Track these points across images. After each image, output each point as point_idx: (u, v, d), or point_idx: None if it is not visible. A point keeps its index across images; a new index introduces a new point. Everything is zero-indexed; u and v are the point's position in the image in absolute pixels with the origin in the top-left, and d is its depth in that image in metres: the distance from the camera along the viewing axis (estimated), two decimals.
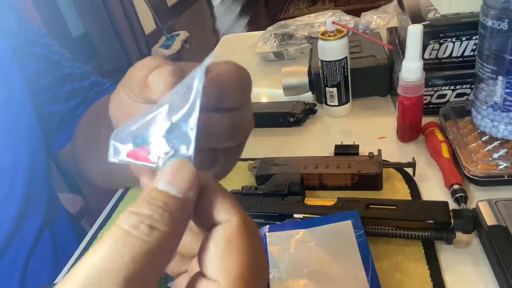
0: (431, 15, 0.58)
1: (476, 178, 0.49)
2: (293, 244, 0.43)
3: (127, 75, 0.28)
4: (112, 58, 3.15)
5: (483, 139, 0.52)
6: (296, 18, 0.97)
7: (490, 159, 0.50)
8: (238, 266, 0.20)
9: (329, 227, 0.43)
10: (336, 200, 0.48)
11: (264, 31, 0.97)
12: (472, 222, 0.42)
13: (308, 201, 0.49)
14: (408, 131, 0.60)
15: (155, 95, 0.25)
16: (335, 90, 0.67)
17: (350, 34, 0.82)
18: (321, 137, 0.67)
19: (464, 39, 0.57)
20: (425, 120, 0.59)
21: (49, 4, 2.61)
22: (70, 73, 0.61)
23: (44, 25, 2.45)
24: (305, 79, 0.72)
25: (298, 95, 0.74)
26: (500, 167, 0.49)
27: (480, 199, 0.44)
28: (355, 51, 0.72)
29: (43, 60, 0.57)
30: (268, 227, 0.45)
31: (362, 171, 0.52)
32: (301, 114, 0.69)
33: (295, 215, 0.48)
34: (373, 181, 0.52)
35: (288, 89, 0.74)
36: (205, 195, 0.21)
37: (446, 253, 0.43)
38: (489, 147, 0.51)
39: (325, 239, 0.42)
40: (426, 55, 0.59)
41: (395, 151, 0.59)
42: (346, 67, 0.65)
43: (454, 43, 0.57)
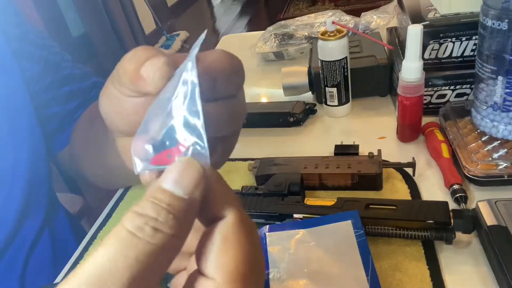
0: (431, 15, 0.58)
1: (476, 178, 0.49)
2: (293, 244, 0.43)
3: (116, 68, 0.27)
4: (112, 58, 3.14)
5: (483, 139, 0.52)
6: (296, 18, 0.97)
7: (490, 159, 0.50)
8: (234, 263, 0.20)
9: (329, 227, 0.43)
10: (336, 200, 0.48)
11: (264, 31, 0.97)
12: (472, 222, 0.42)
13: (308, 201, 0.49)
14: (408, 131, 0.60)
15: (151, 87, 0.24)
16: (335, 90, 0.67)
17: (350, 34, 0.82)
18: (321, 137, 0.67)
19: (464, 39, 0.57)
20: (425, 120, 0.59)
21: (49, 4, 2.61)
22: (70, 74, 0.61)
23: (44, 25, 2.45)
24: (305, 79, 0.72)
25: (298, 95, 0.74)
26: (500, 167, 0.49)
27: (480, 199, 0.44)
28: (355, 51, 0.72)
29: (43, 62, 0.57)
30: (268, 227, 0.45)
31: (362, 171, 0.52)
32: (301, 114, 0.69)
33: (295, 215, 0.48)
34: (373, 181, 0.52)
35: (288, 89, 0.74)
36: (205, 189, 0.21)
37: (446, 253, 0.43)
38: (489, 147, 0.51)
39: (325, 239, 0.42)
40: (426, 55, 0.59)
41: (395, 151, 0.59)
42: (346, 67, 0.65)
43: (454, 43, 0.57)
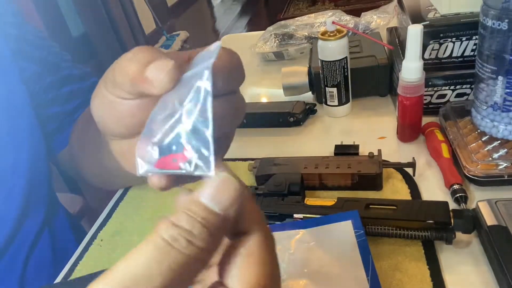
0: (431, 15, 0.58)
1: (476, 178, 0.49)
2: (293, 244, 0.43)
3: (112, 70, 0.27)
4: (112, 58, 3.11)
5: (483, 139, 0.52)
6: (296, 18, 0.97)
7: (490, 159, 0.50)
8: (256, 277, 0.21)
9: (329, 227, 0.43)
10: (336, 200, 0.48)
11: (264, 31, 0.97)
12: (472, 222, 0.42)
13: (308, 201, 0.49)
14: (408, 131, 0.60)
15: (157, 89, 0.24)
16: (335, 90, 0.67)
17: (350, 34, 0.82)
18: (321, 137, 0.67)
19: (464, 39, 0.57)
20: (425, 120, 0.59)
21: (49, 4, 2.61)
22: (70, 74, 0.61)
23: (44, 25, 2.45)
24: (305, 79, 0.72)
25: (298, 95, 0.74)
26: (500, 167, 0.49)
27: (480, 199, 0.44)
28: (355, 51, 0.72)
29: (42, 62, 0.57)
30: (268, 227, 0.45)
31: (362, 171, 0.52)
32: (301, 114, 0.69)
33: (295, 215, 0.48)
34: (373, 181, 0.52)
35: (288, 89, 0.74)
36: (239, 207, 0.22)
37: (446, 253, 0.43)
38: (489, 147, 0.51)
39: (325, 239, 0.42)
40: (426, 55, 0.59)
41: (395, 151, 0.59)
42: (346, 67, 0.65)
43: (454, 43, 0.57)
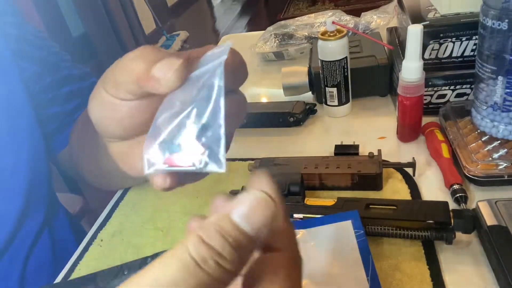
0: (431, 15, 0.58)
1: (476, 178, 0.49)
2: None
3: (112, 70, 0.27)
4: (112, 58, 3.12)
5: (483, 139, 0.52)
6: (296, 18, 0.97)
7: (490, 159, 0.50)
8: None
9: (329, 227, 0.43)
10: (336, 200, 0.48)
11: (264, 31, 0.97)
12: (472, 222, 0.42)
13: (308, 201, 0.49)
14: (408, 131, 0.60)
15: (165, 88, 0.24)
16: (335, 90, 0.67)
17: (350, 34, 0.82)
18: (321, 137, 0.67)
19: (464, 39, 0.57)
20: (425, 120, 0.59)
21: (49, 4, 2.61)
22: (69, 74, 0.60)
23: (44, 25, 2.45)
24: (305, 79, 0.72)
25: (298, 95, 0.74)
26: (500, 167, 0.49)
27: (480, 199, 0.44)
28: (355, 51, 0.72)
29: (42, 62, 0.57)
30: None
31: (362, 171, 0.52)
32: (301, 114, 0.69)
33: (295, 215, 0.48)
34: (373, 181, 0.52)
35: (288, 89, 0.74)
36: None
37: (446, 253, 0.43)
38: (489, 147, 0.51)
39: (325, 239, 0.42)
40: (426, 55, 0.59)
41: (395, 151, 0.59)
42: (346, 67, 0.65)
43: (454, 43, 0.57)
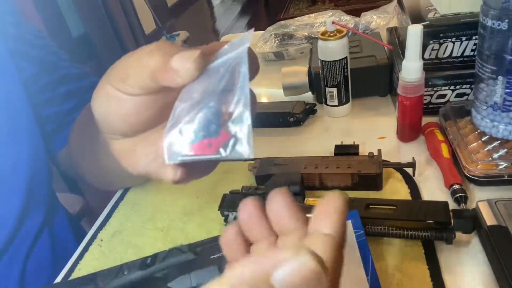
0: (431, 15, 0.58)
1: (476, 178, 0.49)
2: None
3: (121, 64, 0.27)
4: (112, 58, 3.12)
5: (483, 139, 0.52)
6: (296, 18, 0.97)
7: (490, 159, 0.50)
8: None
9: None
10: None
11: (264, 31, 0.97)
12: (472, 222, 0.42)
13: (308, 201, 0.49)
14: (408, 131, 0.60)
15: (183, 79, 0.25)
16: (335, 90, 0.67)
17: (350, 34, 0.82)
18: (321, 137, 0.67)
19: (464, 39, 0.57)
20: (425, 120, 0.59)
21: (49, 4, 2.61)
22: (67, 73, 0.60)
23: (44, 25, 2.45)
24: (305, 79, 0.72)
25: (298, 95, 0.74)
26: (500, 167, 0.49)
27: (480, 199, 0.44)
28: (355, 51, 0.72)
29: (39, 62, 0.57)
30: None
31: (362, 171, 0.52)
32: (301, 114, 0.69)
33: None
34: (373, 181, 0.52)
35: (288, 89, 0.74)
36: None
37: (446, 253, 0.43)
38: (489, 147, 0.51)
39: None
40: (426, 55, 0.59)
41: (395, 151, 0.59)
42: (346, 67, 0.65)
43: (454, 43, 0.57)
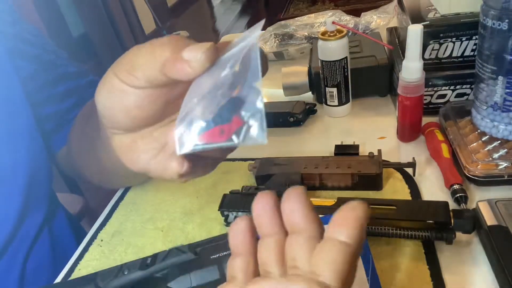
0: (431, 15, 0.58)
1: (476, 178, 0.49)
2: None
3: (131, 57, 0.28)
4: (112, 58, 3.12)
5: (483, 139, 0.52)
6: (296, 18, 0.97)
7: (490, 159, 0.50)
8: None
9: None
10: (336, 200, 0.48)
11: (264, 31, 0.97)
12: (472, 222, 0.42)
13: None
14: (408, 131, 0.60)
15: (194, 70, 0.25)
16: (335, 90, 0.67)
17: (350, 34, 0.82)
18: (321, 137, 0.67)
19: (464, 39, 0.57)
20: (425, 120, 0.59)
21: (49, 4, 2.61)
22: (65, 72, 0.60)
23: (44, 25, 2.45)
24: (305, 79, 0.72)
25: (298, 95, 0.74)
26: (500, 167, 0.49)
27: (480, 199, 0.44)
28: (355, 51, 0.72)
29: (37, 60, 0.57)
30: None
31: (362, 171, 0.52)
32: (301, 114, 0.69)
33: None
34: (373, 181, 0.52)
35: (288, 89, 0.74)
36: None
37: (446, 253, 0.43)
38: (489, 147, 0.51)
39: None
40: (426, 55, 0.59)
41: (395, 151, 0.59)
42: (346, 67, 0.65)
43: (454, 43, 0.57)
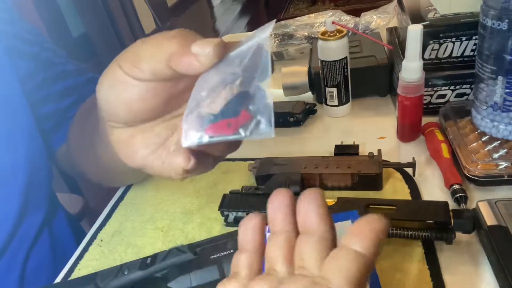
0: (431, 15, 0.58)
1: (476, 178, 0.49)
2: None
3: (137, 49, 0.29)
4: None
5: (483, 139, 0.52)
6: (296, 18, 0.97)
7: (490, 159, 0.50)
8: None
9: None
10: (336, 200, 0.48)
11: None
12: (472, 222, 0.42)
13: None
14: (408, 131, 0.60)
15: (201, 64, 0.26)
16: (335, 90, 0.67)
17: (350, 34, 0.82)
18: (321, 137, 0.67)
19: (464, 39, 0.57)
20: (425, 120, 0.59)
21: (49, 4, 2.61)
22: (64, 70, 0.60)
23: (44, 25, 2.45)
24: (305, 79, 0.72)
25: (298, 95, 0.74)
26: (500, 167, 0.49)
27: (480, 199, 0.44)
28: (355, 51, 0.72)
29: (36, 59, 0.56)
30: (269, 227, 0.45)
31: (362, 171, 0.52)
32: (301, 114, 0.69)
33: None
34: (373, 181, 0.52)
35: (288, 89, 0.74)
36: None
37: (446, 253, 0.43)
38: (489, 147, 0.51)
39: None
40: (426, 55, 0.59)
41: (395, 151, 0.59)
42: (346, 67, 0.65)
43: (454, 43, 0.57)
